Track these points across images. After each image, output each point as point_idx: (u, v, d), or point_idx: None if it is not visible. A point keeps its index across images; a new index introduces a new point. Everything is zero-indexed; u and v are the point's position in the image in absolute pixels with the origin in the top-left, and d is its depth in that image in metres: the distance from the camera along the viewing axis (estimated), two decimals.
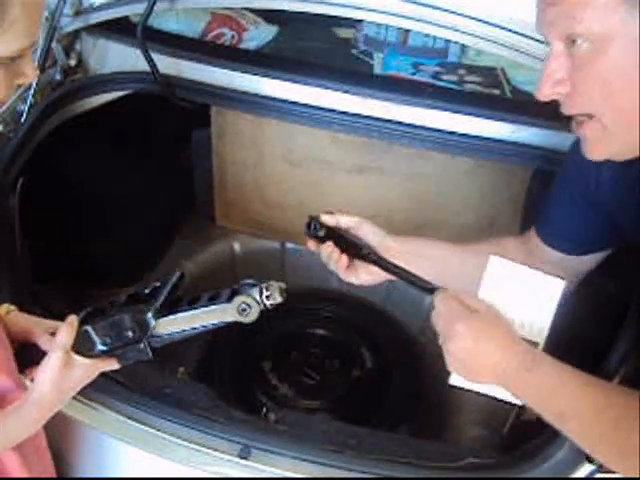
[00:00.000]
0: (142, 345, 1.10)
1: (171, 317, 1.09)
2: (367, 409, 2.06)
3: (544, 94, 0.98)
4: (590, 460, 1.21)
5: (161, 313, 1.09)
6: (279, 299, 1.07)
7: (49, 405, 1.08)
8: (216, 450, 1.38)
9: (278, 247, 2.52)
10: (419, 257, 1.32)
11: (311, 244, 1.31)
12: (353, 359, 2.20)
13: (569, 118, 1.02)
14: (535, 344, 1.08)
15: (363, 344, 2.25)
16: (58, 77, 1.94)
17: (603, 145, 1.00)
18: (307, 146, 2.25)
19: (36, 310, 1.55)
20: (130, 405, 1.43)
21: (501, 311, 1.07)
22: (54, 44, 1.86)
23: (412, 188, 2.25)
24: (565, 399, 1.01)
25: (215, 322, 1.09)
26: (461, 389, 1.12)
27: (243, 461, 1.36)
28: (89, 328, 1.09)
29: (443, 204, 2.26)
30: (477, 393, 1.11)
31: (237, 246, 2.53)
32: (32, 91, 1.78)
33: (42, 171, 1.78)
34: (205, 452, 1.38)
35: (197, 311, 1.09)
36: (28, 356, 1.14)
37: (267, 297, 1.06)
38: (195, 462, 1.37)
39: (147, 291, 1.12)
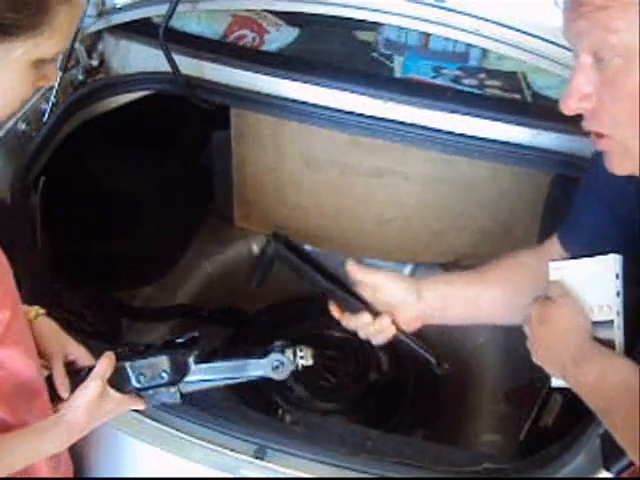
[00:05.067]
0: (174, 389, 1.14)
1: (209, 364, 1.15)
2: (383, 412, 2.06)
3: (570, 108, 0.96)
4: (607, 467, 1.20)
5: (200, 360, 1.13)
6: (310, 362, 1.15)
7: (78, 431, 1.09)
8: (232, 450, 1.38)
9: None
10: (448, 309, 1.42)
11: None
12: (370, 362, 2.19)
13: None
14: (609, 322, 1.10)
15: (379, 347, 2.24)
16: (80, 77, 1.94)
17: (625, 161, 0.99)
18: (327, 149, 2.25)
19: (56, 310, 1.57)
20: None
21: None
22: (77, 44, 1.87)
23: (431, 192, 2.24)
24: (602, 400, 1.04)
25: (248, 375, 1.16)
26: (564, 389, 1.15)
27: (259, 461, 1.36)
28: (126, 364, 1.12)
29: (462, 209, 2.25)
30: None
31: (255, 247, 2.53)
32: (55, 91, 1.79)
33: (63, 170, 1.79)
34: (221, 452, 1.38)
35: (233, 362, 1.16)
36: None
37: (300, 358, 1.14)
38: (211, 462, 1.37)
39: (182, 340, 1.16)
